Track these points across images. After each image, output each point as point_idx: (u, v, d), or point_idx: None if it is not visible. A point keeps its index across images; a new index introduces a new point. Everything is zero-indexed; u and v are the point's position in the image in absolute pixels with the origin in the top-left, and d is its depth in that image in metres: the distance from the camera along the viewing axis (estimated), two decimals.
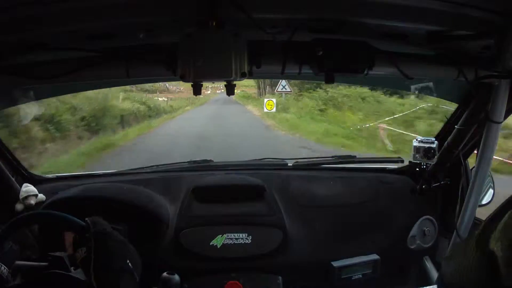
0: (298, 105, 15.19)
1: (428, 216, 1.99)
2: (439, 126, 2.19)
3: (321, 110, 14.13)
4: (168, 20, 1.13)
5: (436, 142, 1.89)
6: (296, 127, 12.35)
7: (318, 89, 14.45)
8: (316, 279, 1.85)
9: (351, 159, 2.22)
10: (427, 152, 1.88)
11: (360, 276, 1.81)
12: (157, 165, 2.22)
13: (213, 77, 1.17)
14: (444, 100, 2.35)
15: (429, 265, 2.00)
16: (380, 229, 1.95)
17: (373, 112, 12.63)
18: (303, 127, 12.15)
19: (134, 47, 1.27)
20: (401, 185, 2.10)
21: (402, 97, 12.62)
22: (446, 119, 1.97)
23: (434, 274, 1.94)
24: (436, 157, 1.89)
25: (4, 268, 1.19)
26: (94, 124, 10.38)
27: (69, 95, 7.59)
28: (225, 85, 1.24)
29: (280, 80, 13.42)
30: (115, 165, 6.41)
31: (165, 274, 1.49)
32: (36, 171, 2.10)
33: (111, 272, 1.16)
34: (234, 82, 1.22)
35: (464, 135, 1.77)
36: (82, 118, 9.90)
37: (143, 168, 2.22)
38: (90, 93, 9.84)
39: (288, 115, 13.97)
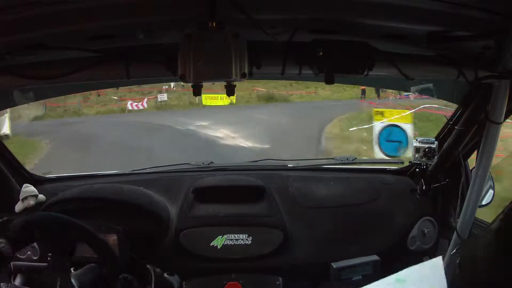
0: None
1: (428, 217, 1.98)
2: None
3: None
4: (168, 20, 1.14)
5: (436, 142, 1.88)
6: None
7: None
8: (316, 280, 1.85)
9: (351, 160, 2.23)
10: (427, 153, 1.87)
11: (360, 277, 1.80)
12: (157, 166, 2.22)
13: (213, 78, 1.17)
14: None
15: None
16: (380, 230, 1.95)
17: None
18: None
19: (134, 47, 1.26)
20: (401, 185, 2.09)
21: None
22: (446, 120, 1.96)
23: None
24: (436, 157, 1.88)
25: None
26: None
27: None
28: (225, 86, 1.24)
29: None
30: None
31: (165, 274, 1.50)
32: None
33: None
34: (234, 83, 1.23)
35: (464, 136, 1.76)
36: None
37: (143, 169, 2.22)
38: None
39: None
